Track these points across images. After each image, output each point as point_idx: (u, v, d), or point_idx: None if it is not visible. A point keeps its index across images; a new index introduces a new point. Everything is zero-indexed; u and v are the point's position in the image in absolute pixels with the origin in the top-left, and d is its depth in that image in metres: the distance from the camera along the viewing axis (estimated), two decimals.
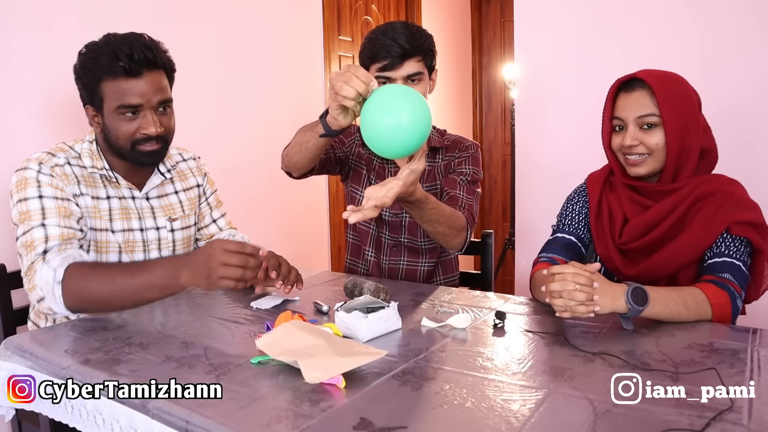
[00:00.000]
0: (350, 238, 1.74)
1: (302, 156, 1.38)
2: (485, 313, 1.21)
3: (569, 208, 1.40)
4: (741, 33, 1.79)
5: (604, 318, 1.13)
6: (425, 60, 1.49)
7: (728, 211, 1.16)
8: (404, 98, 1.08)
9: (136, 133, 1.30)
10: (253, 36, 2.47)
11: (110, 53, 1.25)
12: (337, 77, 1.10)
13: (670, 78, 1.21)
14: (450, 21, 4.03)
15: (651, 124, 1.19)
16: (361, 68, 1.09)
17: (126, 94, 1.27)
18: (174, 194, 1.50)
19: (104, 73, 1.26)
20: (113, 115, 1.29)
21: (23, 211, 1.24)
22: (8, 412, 1.17)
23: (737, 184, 1.23)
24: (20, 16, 1.67)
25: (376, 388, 0.86)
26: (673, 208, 1.21)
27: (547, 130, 2.21)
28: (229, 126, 2.38)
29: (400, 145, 1.09)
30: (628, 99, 1.21)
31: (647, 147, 1.20)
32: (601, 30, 2.04)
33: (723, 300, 1.11)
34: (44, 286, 1.18)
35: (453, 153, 1.62)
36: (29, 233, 1.22)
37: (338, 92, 1.09)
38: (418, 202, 1.27)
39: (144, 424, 0.86)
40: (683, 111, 1.18)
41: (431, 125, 1.10)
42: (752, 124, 1.80)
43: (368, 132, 1.10)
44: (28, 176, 1.26)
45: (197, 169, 1.57)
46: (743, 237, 1.16)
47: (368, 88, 1.08)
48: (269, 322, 1.14)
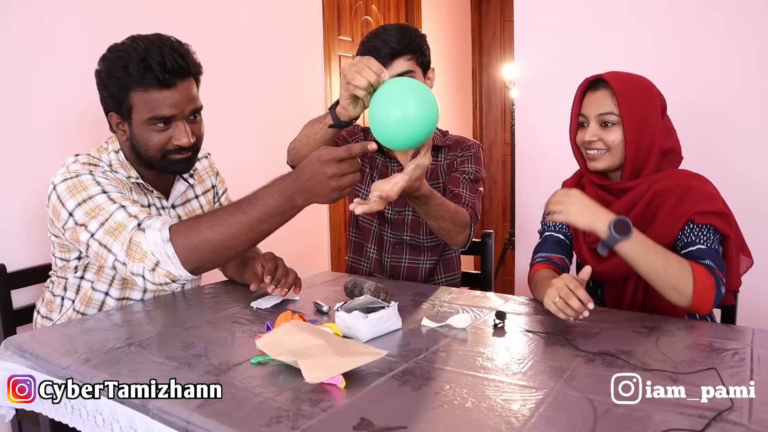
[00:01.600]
0: (352, 237, 1.74)
1: (309, 149, 1.37)
2: (485, 313, 1.21)
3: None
4: (741, 33, 1.79)
5: (604, 318, 1.13)
6: (416, 58, 1.51)
7: (689, 203, 1.19)
8: (413, 91, 1.09)
9: (168, 144, 1.26)
10: (252, 36, 2.47)
11: (141, 61, 1.18)
12: (349, 67, 1.11)
13: (633, 80, 1.26)
14: (450, 21, 4.03)
15: (610, 122, 1.25)
16: (373, 60, 1.11)
17: (159, 105, 1.21)
18: (195, 199, 1.48)
19: (135, 83, 1.19)
20: (143, 126, 1.23)
21: (92, 207, 1.17)
22: (8, 412, 1.17)
23: (697, 177, 1.25)
24: (21, 20, 1.67)
25: (376, 388, 0.86)
26: (633, 205, 1.25)
27: (547, 130, 2.21)
28: (230, 126, 2.38)
29: (406, 137, 1.10)
30: (592, 98, 1.28)
31: (605, 143, 1.26)
32: (600, 30, 2.04)
33: (708, 282, 1.12)
34: (155, 249, 1.12)
35: (455, 152, 1.63)
36: (110, 219, 1.16)
37: (350, 81, 1.11)
38: (423, 197, 1.30)
39: (144, 424, 0.86)
40: (642, 112, 1.23)
41: (437, 119, 1.11)
42: (751, 120, 1.80)
43: (376, 122, 1.11)
44: (82, 179, 1.20)
45: (210, 169, 1.56)
46: (709, 224, 1.18)
47: (379, 79, 1.10)
48: (269, 322, 1.14)
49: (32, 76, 1.70)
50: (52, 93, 1.75)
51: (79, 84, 1.72)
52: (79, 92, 1.75)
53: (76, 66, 1.76)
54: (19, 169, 1.68)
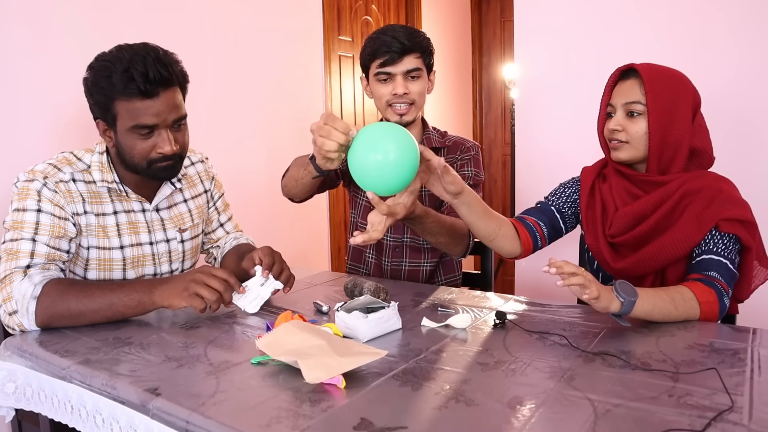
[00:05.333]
0: (351, 244, 1.74)
1: (300, 189, 1.44)
2: (485, 313, 1.21)
3: (560, 189, 1.44)
4: (740, 34, 1.79)
5: (604, 318, 1.13)
6: (423, 57, 1.54)
7: (717, 207, 1.17)
8: (387, 137, 1.06)
9: (152, 152, 1.27)
10: (252, 36, 2.47)
11: (124, 71, 1.20)
12: (317, 131, 1.09)
13: (665, 72, 1.23)
14: (450, 21, 4.03)
15: (636, 112, 1.22)
16: (338, 119, 1.08)
17: (141, 114, 1.23)
18: (183, 203, 1.48)
19: (118, 93, 1.22)
20: (127, 134, 1.26)
21: (17, 221, 1.22)
22: (8, 412, 1.17)
23: (727, 181, 1.24)
24: (21, 27, 1.67)
25: (376, 388, 0.86)
26: (661, 202, 1.22)
27: (547, 131, 2.21)
28: (230, 127, 2.38)
29: (390, 181, 1.07)
30: (621, 87, 1.26)
31: (629, 134, 1.24)
32: (601, 30, 2.04)
33: (710, 297, 1.11)
34: (20, 300, 1.16)
35: (455, 154, 1.63)
36: (17, 242, 1.21)
37: (321, 147, 1.10)
38: (418, 218, 1.32)
39: (144, 424, 0.86)
40: (670, 105, 1.20)
41: (419, 159, 1.08)
42: (749, 119, 1.80)
43: (357, 174, 1.08)
44: (31, 187, 1.24)
45: (205, 173, 1.55)
46: (732, 234, 1.17)
47: (348, 138, 1.08)
48: (269, 322, 1.14)
49: (27, 78, 1.70)
50: (47, 95, 1.75)
51: (74, 87, 1.72)
52: (74, 95, 1.74)
53: (71, 68, 1.76)
54: (17, 168, 1.68)
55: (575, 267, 1.02)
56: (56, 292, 1.16)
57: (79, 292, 1.17)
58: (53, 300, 1.15)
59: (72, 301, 1.16)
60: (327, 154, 1.10)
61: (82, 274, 1.33)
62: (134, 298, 1.18)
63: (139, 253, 1.37)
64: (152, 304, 1.18)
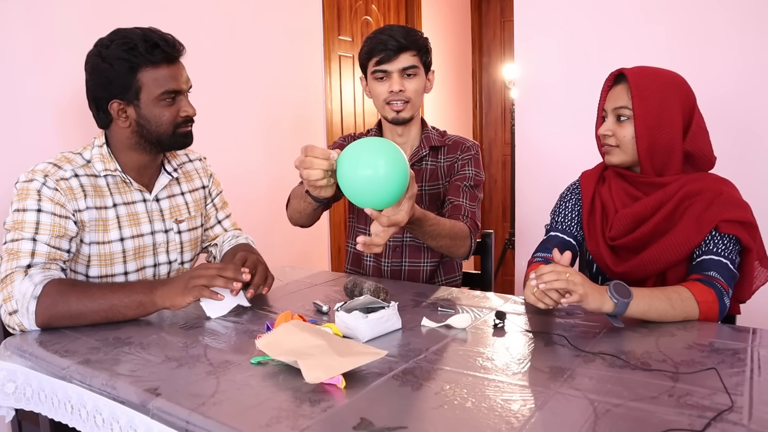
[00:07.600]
0: (351, 249, 1.74)
1: (306, 219, 1.49)
2: (485, 313, 1.21)
3: (562, 206, 1.41)
4: (740, 35, 1.79)
5: (604, 318, 1.13)
6: (420, 55, 1.55)
7: (717, 209, 1.17)
8: (371, 151, 1.05)
9: (177, 117, 1.34)
10: (252, 36, 2.47)
11: (145, 41, 1.26)
12: (300, 165, 1.10)
13: (654, 75, 1.22)
14: (450, 21, 4.03)
15: (624, 116, 1.23)
16: (316, 147, 1.08)
17: (168, 80, 1.30)
18: (181, 195, 1.50)
19: (145, 61, 1.27)
20: (154, 103, 1.30)
21: (18, 221, 1.23)
22: (8, 412, 1.17)
23: (728, 183, 1.24)
24: (18, 22, 1.67)
25: (376, 388, 0.86)
26: (661, 204, 1.22)
27: (547, 131, 2.21)
28: (230, 126, 2.38)
29: (385, 193, 1.06)
30: (613, 92, 1.27)
31: (618, 138, 1.25)
32: (600, 29, 2.04)
33: (709, 297, 1.11)
34: (21, 299, 1.17)
35: (455, 154, 1.63)
36: (18, 243, 1.21)
37: (307, 179, 1.11)
38: (417, 221, 1.31)
39: (144, 424, 0.86)
40: (657, 109, 1.20)
41: (408, 164, 1.08)
42: (748, 119, 1.80)
43: (351, 193, 1.08)
44: (31, 187, 1.24)
45: (203, 170, 1.57)
46: (732, 235, 1.17)
47: (330, 162, 1.08)
48: (269, 322, 1.14)
49: (28, 78, 1.70)
50: (48, 95, 1.75)
51: (75, 86, 1.72)
52: (74, 95, 1.75)
53: (72, 68, 1.76)
54: (19, 167, 1.68)
55: (560, 271, 1.04)
56: (57, 292, 1.16)
57: (80, 293, 1.18)
58: (54, 300, 1.16)
59: (72, 302, 1.16)
60: (315, 183, 1.11)
61: (84, 271, 1.34)
62: (135, 300, 1.18)
63: (140, 243, 1.39)
64: (153, 305, 1.19)
